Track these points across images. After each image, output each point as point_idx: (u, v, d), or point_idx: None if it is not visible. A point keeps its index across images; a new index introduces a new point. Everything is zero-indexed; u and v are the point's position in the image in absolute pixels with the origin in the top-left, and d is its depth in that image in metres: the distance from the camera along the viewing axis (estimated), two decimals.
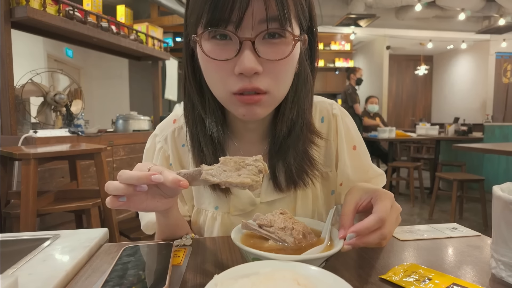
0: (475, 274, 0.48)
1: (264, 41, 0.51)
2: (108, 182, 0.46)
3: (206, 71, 0.55)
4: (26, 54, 4.32)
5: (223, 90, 0.54)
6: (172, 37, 5.97)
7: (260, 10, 0.48)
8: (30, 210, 1.50)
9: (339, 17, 6.29)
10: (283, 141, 0.62)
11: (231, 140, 0.68)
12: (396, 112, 8.93)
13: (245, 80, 0.51)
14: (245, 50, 0.49)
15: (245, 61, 0.49)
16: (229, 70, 0.51)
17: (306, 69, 0.61)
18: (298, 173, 0.64)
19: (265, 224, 0.51)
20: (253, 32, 0.49)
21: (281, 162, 0.64)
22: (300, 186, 0.65)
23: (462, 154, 4.81)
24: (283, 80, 0.55)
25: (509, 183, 0.49)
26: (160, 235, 0.63)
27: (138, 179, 0.44)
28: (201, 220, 0.71)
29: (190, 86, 0.62)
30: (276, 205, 0.68)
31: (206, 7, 0.49)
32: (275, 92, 0.54)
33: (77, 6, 2.37)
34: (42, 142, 1.98)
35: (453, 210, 3.26)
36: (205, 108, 0.62)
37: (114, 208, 0.47)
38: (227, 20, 0.48)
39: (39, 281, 0.45)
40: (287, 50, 0.51)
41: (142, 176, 0.44)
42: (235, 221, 0.68)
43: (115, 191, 0.45)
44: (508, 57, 7.39)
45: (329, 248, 0.48)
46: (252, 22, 0.49)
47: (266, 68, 0.51)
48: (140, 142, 2.85)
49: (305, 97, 0.62)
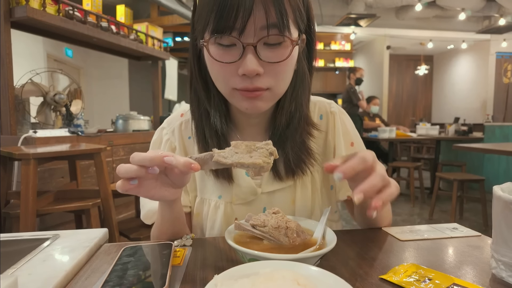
0: (476, 274, 0.48)
1: (265, 46, 0.56)
2: (120, 165, 0.47)
3: (212, 71, 0.61)
4: (26, 54, 4.32)
5: (226, 87, 0.60)
6: (172, 37, 5.96)
7: (261, 18, 0.53)
8: (30, 210, 1.50)
9: (339, 17, 6.29)
10: (282, 132, 0.67)
11: (234, 132, 0.72)
12: (396, 112, 8.93)
13: (247, 81, 0.56)
14: (247, 54, 0.54)
15: (248, 64, 0.54)
16: (233, 71, 0.57)
17: (304, 68, 0.66)
18: (296, 162, 0.68)
19: (258, 224, 0.52)
20: (255, 37, 0.54)
21: (280, 152, 0.67)
22: (299, 175, 0.69)
23: (463, 154, 4.81)
24: (282, 79, 0.60)
25: (510, 183, 0.49)
26: (159, 228, 0.64)
27: (151, 160, 0.46)
28: (205, 210, 0.73)
29: (197, 83, 0.67)
30: (276, 195, 0.71)
31: (212, 15, 0.53)
32: (276, 89, 0.60)
33: (77, 6, 2.37)
34: (41, 142, 1.98)
35: (454, 210, 3.25)
36: (210, 103, 0.67)
37: (124, 192, 0.48)
38: (231, 27, 0.53)
39: (39, 281, 0.45)
40: (286, 53, 0.56)
41: (155, 157, 0.46)
42: (237, 210, 0.70)
43: (127, 174, 0.46)
44: (508, 57, 7.39)
45: (323, 247, 0.48)
46: (254, 29, 0.53)
47: (266, 70, 0.57)
48: (140, 142, 2.85)
49: (302, 93, 0.67)
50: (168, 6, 4.24)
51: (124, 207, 2.66)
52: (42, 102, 2.38)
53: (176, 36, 6.07)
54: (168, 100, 4.97)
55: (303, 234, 0.53)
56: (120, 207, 2.59)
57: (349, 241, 0.61)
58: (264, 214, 0.54)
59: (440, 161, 4.56)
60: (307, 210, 0.71)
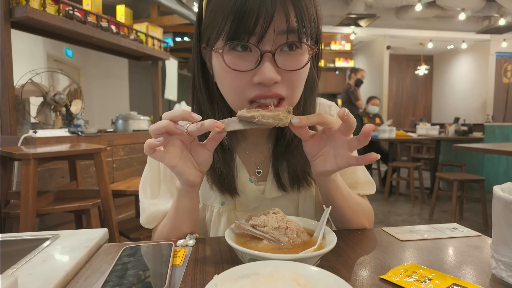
0: (476, 274, 0.48)
1: (283, 53, 0.54)
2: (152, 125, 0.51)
3: (223, 80, 0.58)
4: (26, 54, 4.32)
5: (239, 99, 0.57)
6: (172, 37, 5.97)
7: (281, 23, 0.51)
8: (29, 210, 1.50)
9: (339, 17, 6.29)
10: (288, 142, 0.66)
11: (238, 141, 0.71)
12: (397, 112, 8.93)
13: (263, 89, 0.54)
14: (265, 61, 0.52)
15: (266, 72, 0.52)
16: (247, 80, 0.54)
17: (314, 76, 0.65)
18: (302, 174, 0.67)
19: (258, 225, 0.52)
20: (274, 44, 0.52)
21: (285, 163, 0.67)
22: (303, 186, 0.68)
23: (463, 154, 4.81)
24: (299, 87, 0.58)
25: (510, 183, 0.49)
26: (172, 221, 0.63)
27: (181, 114, 0.51)
28: (207, 217, 0.72)
29: (201, 94, 0.65)
30: (280, 202, 0.70)
31: (229, 21, 0.51)
32: (292, 98, 0.58)
33: (77, 6, 2.37)
34: (41, 142, 1.98)
35: (454, 210, 3.25)
36: (214, 115, 0.65)
37: (150, 154, 0.52)
38: (250, 33, 0.51)
39: (39, 281, 0.45)
40: (304, 60, 0.55)
41: (185, 112, 0.51)
42: (240, 217, 0.69)
43: (157, 130, 0.50)
44: (508, 57, 7.39)
45: (323, 247, 0.48)
46: (274, 35, 0.52)
47: (284, 78, 0.54)
48: (140, 142, 2.85)
49: (310, 102, 0.66)
50: (168, 6, 4.24)
51: (124, 207, 2.66)
52: (42, 102, 2.38)
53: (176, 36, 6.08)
54: (168, 100, 4.97)
55: (303, 234, 0.53)
56: (120, 207, 2.59)
57: (349, 241, 0.61)
58: (264, 214, 0.54)
59: (440, 161, 4.56)
60: (310, 215, 0.71)
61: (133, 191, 2.08)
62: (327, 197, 0.63)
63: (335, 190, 0.62)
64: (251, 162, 0.71)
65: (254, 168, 0.71)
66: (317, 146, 0.56)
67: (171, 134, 0.53)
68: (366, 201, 0.74)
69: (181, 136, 0.54)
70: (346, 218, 0.66)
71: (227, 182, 0.66)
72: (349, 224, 0.67)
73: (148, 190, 0.72)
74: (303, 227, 0.55)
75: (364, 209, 0.70)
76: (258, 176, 0.71)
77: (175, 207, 0.62)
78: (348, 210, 0.65)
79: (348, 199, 0.65)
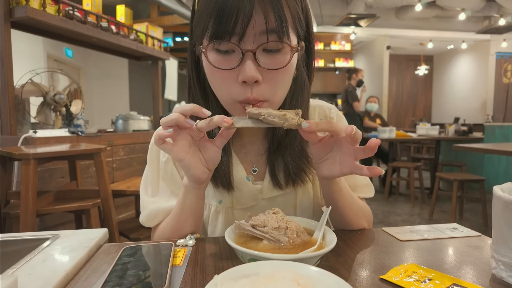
0: (476, 275, 0.48)
1: (264, 52, 0.55)
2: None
3: (212, 78, 0.60)
4: (26, 54, 4.32)
5: (228, 97, 0.58)
6: (172, 37, 5.96)
7: (261, 23, 0.52)
8: (29, 210, 1.50)
9: (339, 17, 6.29)
10: (281, 140, 0.67)
11: (235, 139, 0.72)
12: (396, 112, 8.93)
13: (247, 90, 0.55)
14: (247, 60, 0.54)
15: (247, 70, 0.53)
16: (233, 78, 0.56)
17: (303, 74, 0.66)
18: (296, 171, 0.67)
19: (258, 225, 0.52)
20: (254, 43, 0.53)
21: (279, 160, 0.68)
22: (298, 184, 0.69)
23: (463, 154, 4.81)
24: (280, 87, 0.59)
25: (510, 183, 0.49)
26: (176, 219, 0.63)
27: (191, 109, 0.52)
28: (205, 215, 0.72)
29: (195, 90, 0.66)
30: (277, 201, 0.70)
31: (211, 21, 0.53)
32: (273, 99, 0.59)
33: (77, 6, 2.37)
34: (41, 142, 1.98)
35: (454, 210, 3.25)
36: (208, 110, 0.64)
37: (160, 145, 0.53)
38: (231, 32, 0.52)
39: (38, 281, 0.45)
40: (285, 60, 0.56)
41: (195, 106, 0.52)
42: (237, 215, 0.70)
43: (168, 122, 0.51)
44: (508, 57, 7.39)
45: (323, 247, 0.48)
46: (254, 35, 0.53)
47: (265, 77, 0.55)
48: (140, 142, 2.85)
49: (301, 100, 0.66)
50: (168, 6, 4.24)
51: (124, 207, 2.66)
52: (42, 102, 2.38)
53: (176, 36, 6.07)
54: (168, 100, 4.97)
55: (303, 234, 0.53)
56: (120, 207, 2.59)
57: (349, 241, 0.61)
58: (264, 214, 0.54)
59: (440, 161, 4.56)
60: (308, 215, 0.71)
61: (133, 191, 2.08)
62: (330, 199, 0.63)
63: (338, 193, 0.62)
64: (248, 161, 0.72)
65: (250, 166, 0.72)
66: (324, 150, 0.57)
67: (181, 128, 0.54)
68: (365, 204, 0.74)
69: (190, 130, 0.55)
70: (347, 220, 0.66)
71: (222, 177, 0.67)
72: (350, 226, 0.68)
73: (149, 189, 0.73)
74: (303, 227, 0.55)
75: (365, 212, 0.70)
76: (255, 175, 0.71)
77: (180, 204, 0.62)
78: (349, 212, 0.66)
79: (350, 202, 0.65)
